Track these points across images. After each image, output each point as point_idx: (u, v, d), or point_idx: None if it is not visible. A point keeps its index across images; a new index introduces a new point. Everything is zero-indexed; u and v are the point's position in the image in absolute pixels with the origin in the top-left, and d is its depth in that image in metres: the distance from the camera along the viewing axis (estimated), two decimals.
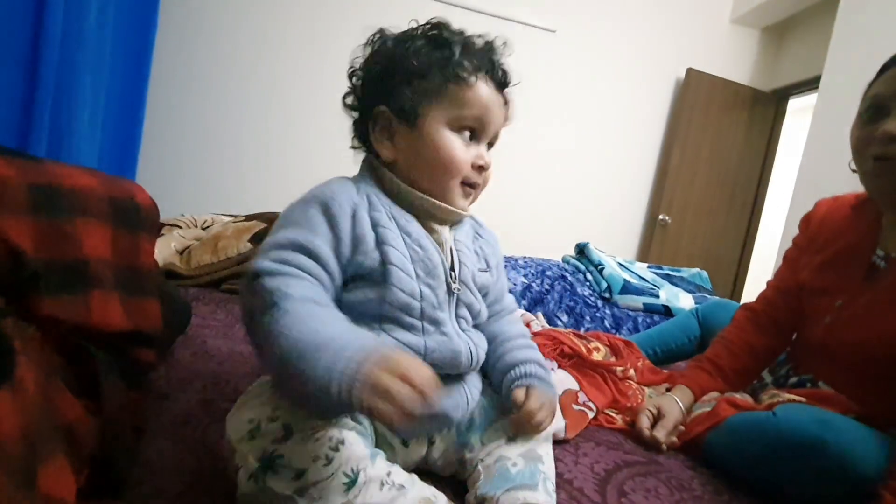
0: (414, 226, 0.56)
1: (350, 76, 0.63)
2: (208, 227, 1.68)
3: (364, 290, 0.53)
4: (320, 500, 0.42)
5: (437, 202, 0.58)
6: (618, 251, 3.08)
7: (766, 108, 3.35)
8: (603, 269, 1.86)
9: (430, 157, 0.57)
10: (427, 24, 0.60)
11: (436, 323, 0.55)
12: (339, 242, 0.51)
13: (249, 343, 0.49)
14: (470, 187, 0.60)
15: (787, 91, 3.29)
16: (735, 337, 0.94)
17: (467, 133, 0.58)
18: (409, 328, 0.54)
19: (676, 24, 3.25)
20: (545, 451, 0.59)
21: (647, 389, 1.00)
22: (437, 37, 0.58)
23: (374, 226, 0.54)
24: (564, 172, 3.21)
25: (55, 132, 1.59)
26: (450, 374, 0.57)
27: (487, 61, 0.58)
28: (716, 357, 0.92)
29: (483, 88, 0.57)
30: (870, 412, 0.71)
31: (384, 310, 0.53)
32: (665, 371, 1.10)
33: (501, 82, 0.60)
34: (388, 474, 0.46)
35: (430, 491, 0.48)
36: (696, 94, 3.20)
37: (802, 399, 0.76)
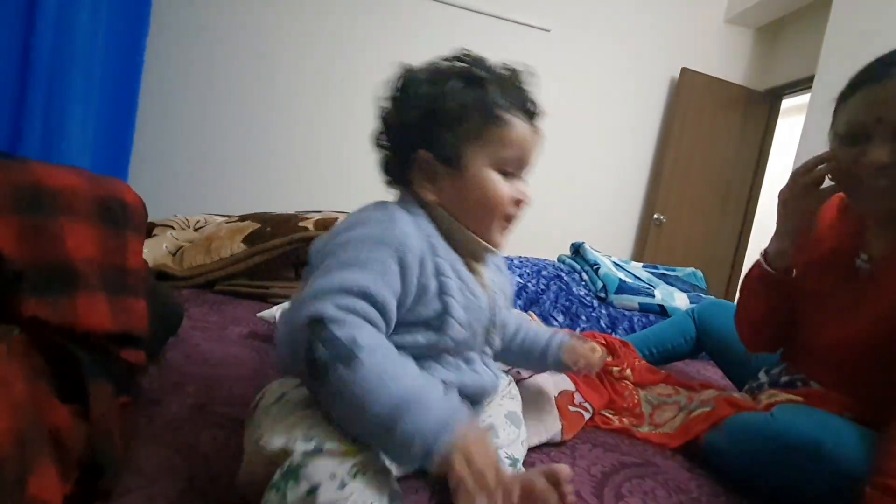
0: (466, 272, 0.57)
1: (383, 118, 0.61)
2: (201, 227, 1.66)
3: (415, 335, 0.53)
4: None
5: (485, 243, 0.59)
6: (613, 250, 3.08)
7: (760, 107, 3.36)
8: (598, 268, 1.86)
9: (475, 197, 0.57)
10: (455, 58, 0.58)
11: (468, 361, 0.58)
12: (405, 295, 0.51)
13: (308, 384, 0.47)
14: (507, 221, 0.60)
15: (780, 90, 3.31)
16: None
17: (507, 170, 0.58)
18: (446, 366, 0.56)
19: (671, 24, 3.25)
20: (504, 423, 0.62)
21: (641, 391, 0.99)
22: (468, 74, 0.56)
23: (438, 274, 0.53)
24: (559, 172, 3.21)
25: (47, 132, 1.57)
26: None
27: (520, 97, 0.58)
28: None
29: (520, 126, 0.57)
30: (861, 411, 0.72)
31: (430, 353, 0.54)
32: (662, 371, 1.10)
33: (534, 115, 0.60)
34: None
35: None
36: (690, 93, 3.21)
37: (800, 399, 0.76)
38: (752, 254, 3.54)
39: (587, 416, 0.83)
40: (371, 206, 0.57)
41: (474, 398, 0.59)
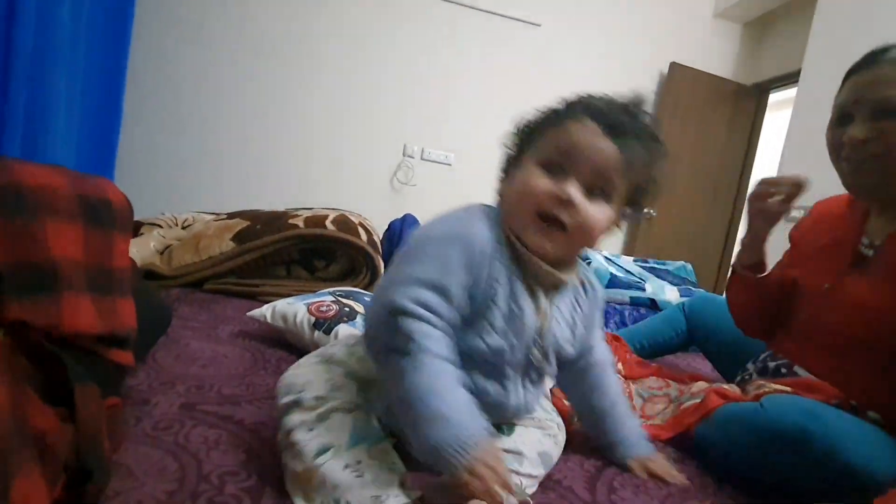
0: (519, 285, 0.57)
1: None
2: (189, 225, 1.64)
3: (459, 332, 0.55)
4: (295, 456, 0.51)
5: (538, 261, 0.57)
6: (604, 245, 3.09)
7: (748, 101, 3.39)
8: (590, 262, 1.87)
9: (512, 190, 0.58)
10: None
11: (503, 376, 0.58)
12: (476, 287, 0.55)
13: (372, 359, 0.57)
14: (547, 222, 0.56)
15: (767, 85, 3.34)
16: None
17: (552, 168, 0.56)
18: (482, 374, 0.57)
19: (660, 18, 3.27)
20: (534, 459, 0.60)
21: (633, 385, 1.00)
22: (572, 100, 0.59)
23: (490, 280, 0.55)
24: None
25: (29, 130, 1.54)
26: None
27: (590, 106, 0.56)
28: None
29: (578, 128, 0.55)
30: (848, 399, 0.73)
31: (468, 352, 0.56)
32: (653, 364, 1.11)
33: (612, 126, 0.55)
34: (358, 463, 0.50)
35: (375, 492, 0.48)
36: (679, 87, 3.23)
37: (788, 389, 0.77)
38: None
39: None
40: (463, 205, 0.60)
41: (494, 412, 0.57)
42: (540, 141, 0.58)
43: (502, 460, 0.49)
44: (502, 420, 0.61)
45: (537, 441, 0.62)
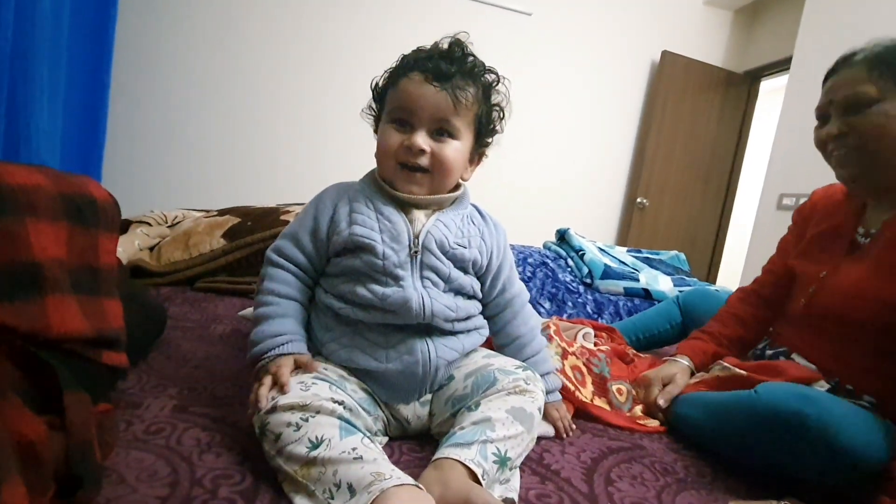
0: (388, 208, 0.69)
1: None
2: (178, 222, 1.62)
3: (350, 258, 0.67)
4: (290, 457, 0.52)
5: (393, 190, 0.69)
6: (598, 235, 3.10)
7: (739, 89, 3.39)
8: (584, 254, 1.86)
9: (377, 148, 0.70)
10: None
11: (396, 278, 0.66)
12: (316, 229, 0.70)
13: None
14: (411, 170, 0.68)
15: (759, 72, 3.34)
16: (724, 311, 1.04)
17: (400, 123, 0.68)
18: (376, 281, 0.66)
19: (651, 7, 3.25)
20: (504, 419, 0.60)
21: (626, 383, 0.98)
22: (400, 58, 0.71)
23: (351, 212, 0.68)
24: (542, 157, 3.21)
25: (11, 129, 1.50)
26: (409, 325, 0.66)
27: (416, 60, 0.68)
28: (707, 328, 1.02)
29: (409, 84, 0.67)
30: (843, 381, 0.76)
31: (362, 269, 0.66)
32: (648, 356, 1.11)
33: (436, 73, 0.66)
34: (354, 449, 0.51)
35: (376, 469, 0.49)
36: (671, 76, 3.22)
37: (743, 373, 0.80)
38: (733, 235, 3.60)
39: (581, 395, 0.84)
40: None
41: (399, 309, 0.65)
42: (387, 102, 0.70)
43: (286, 376, 0.58)
44: (413, 316, 0.65)
45: (502, 402, 0.62)
